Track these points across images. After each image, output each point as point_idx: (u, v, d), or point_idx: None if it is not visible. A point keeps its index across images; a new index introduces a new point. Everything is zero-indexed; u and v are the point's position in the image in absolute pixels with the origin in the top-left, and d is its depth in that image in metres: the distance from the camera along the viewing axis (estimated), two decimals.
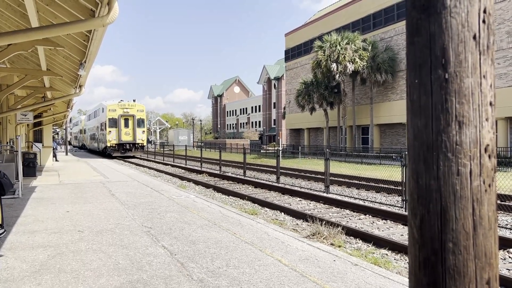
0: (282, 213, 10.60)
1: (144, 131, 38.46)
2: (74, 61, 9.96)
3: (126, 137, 37.41)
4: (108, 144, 36.92)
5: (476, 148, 1.10)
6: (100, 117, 40.75)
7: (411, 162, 1.17)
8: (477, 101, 1.10)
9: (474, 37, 1.10)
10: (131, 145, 37.82)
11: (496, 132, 27.97)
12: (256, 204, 11.97)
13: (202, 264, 5.38)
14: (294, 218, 10.00)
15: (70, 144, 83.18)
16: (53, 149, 29.27)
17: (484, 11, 1.11)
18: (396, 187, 13.96)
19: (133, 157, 38.58)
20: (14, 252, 6.01)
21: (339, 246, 7.19)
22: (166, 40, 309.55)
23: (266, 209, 11.29)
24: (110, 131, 37.01)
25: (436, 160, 1.10)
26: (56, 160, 30.18)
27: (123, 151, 37.55)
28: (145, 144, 38.94)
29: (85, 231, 7.31)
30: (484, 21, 1.11)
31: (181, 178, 19.96)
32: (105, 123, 37.52)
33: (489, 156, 1.12)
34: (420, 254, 1.14)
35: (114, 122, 37.17)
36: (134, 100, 40.18)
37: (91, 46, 7.76)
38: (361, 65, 36.36)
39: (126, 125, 37.62)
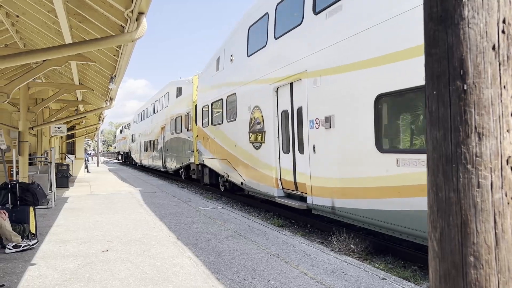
0: (308, 225, 10.50)
1: None
2: (105, 75, 10.28)
3: None
4: None
5: (497, 160, 1.08)
6: None
7: (430, 174, 1.16)
8: (498, 112, 1.08)
9: (493, 48, 1.09)
10: None
11: None
12: (281, 216, 11.90)
13: (228, 275, 5.38)
14: (321, 231, 9.88)
15: (128, 159, 45.15)
16: (85, 160, 30.11)
17: (504, 21, 1.10)
18: None
19: None
20: (47, 261, 6.19)
21: (367, 260, 7.05)
22: (195, 55, 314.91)
23: (292, 221, 11.21)
24: None
25: (456, 172, 1.09)
26: (88, 171, 31.01)
27: None
28: None
29: (114, 241, 7.46)
30: (503, 32, 1.10)
31: (208, 189, 20.09)
32: None
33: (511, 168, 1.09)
34: (440, 268, 1.12)
35: None
36: None
37: (121, 60, 7.99)
38: None
39: None
